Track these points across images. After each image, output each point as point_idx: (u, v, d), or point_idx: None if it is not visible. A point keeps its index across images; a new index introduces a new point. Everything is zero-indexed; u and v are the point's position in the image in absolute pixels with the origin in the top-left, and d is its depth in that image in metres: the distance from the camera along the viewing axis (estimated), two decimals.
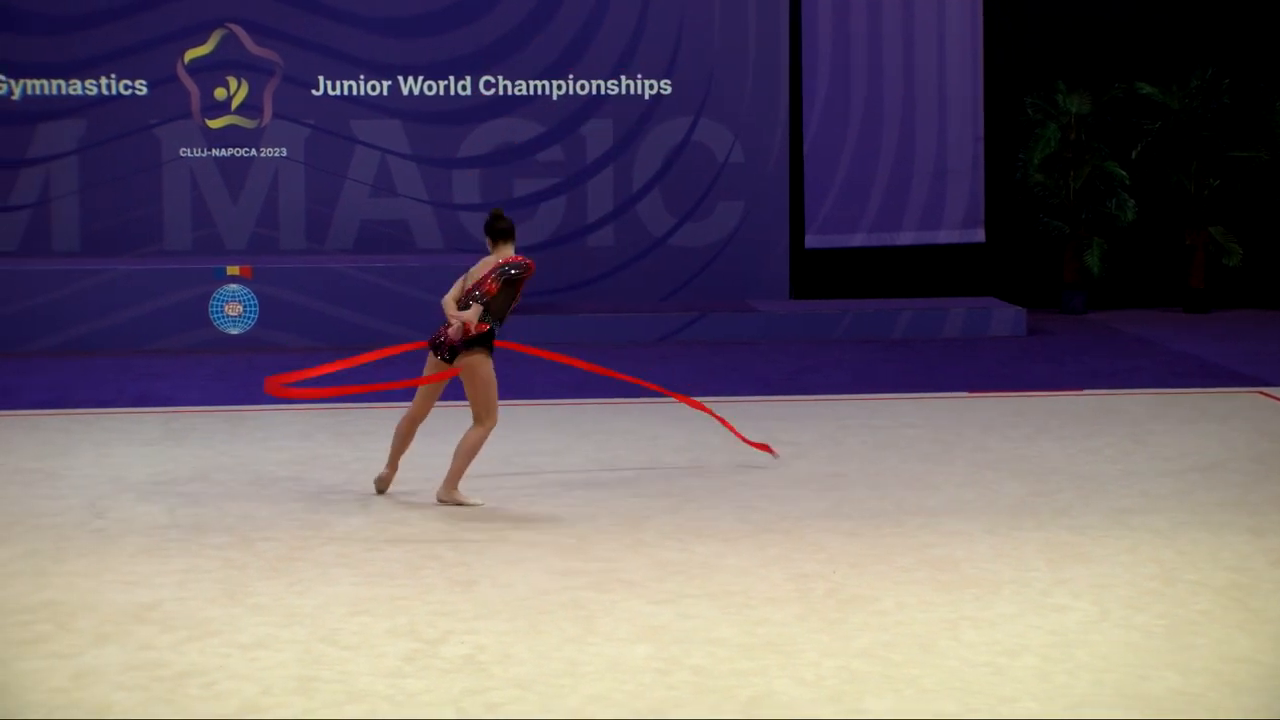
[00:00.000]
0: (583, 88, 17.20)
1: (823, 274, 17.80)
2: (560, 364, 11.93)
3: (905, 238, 17.64)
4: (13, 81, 16.56)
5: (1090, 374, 14.24)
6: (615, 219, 17.18)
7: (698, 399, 11.39)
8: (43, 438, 11.59)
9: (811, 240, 17.52)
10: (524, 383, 13.24)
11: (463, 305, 9.62)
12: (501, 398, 9.86)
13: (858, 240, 17.58)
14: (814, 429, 11.86)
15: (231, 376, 14.09)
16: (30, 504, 9.74)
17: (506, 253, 9.73)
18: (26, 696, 6.65)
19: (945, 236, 17.68)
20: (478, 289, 9.62)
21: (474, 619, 7.61)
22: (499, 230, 9.74)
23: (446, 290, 9.73)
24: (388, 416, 12.30)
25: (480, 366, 9.60)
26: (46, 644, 7.27)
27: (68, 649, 7.20)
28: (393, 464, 9.99)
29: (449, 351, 9.61)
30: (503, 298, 9.62)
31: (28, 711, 6.50)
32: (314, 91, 16.93)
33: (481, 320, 9.56)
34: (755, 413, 12.46)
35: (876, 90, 17.48)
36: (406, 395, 10.92)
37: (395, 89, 17.02)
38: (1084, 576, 8.26)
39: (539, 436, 11.57)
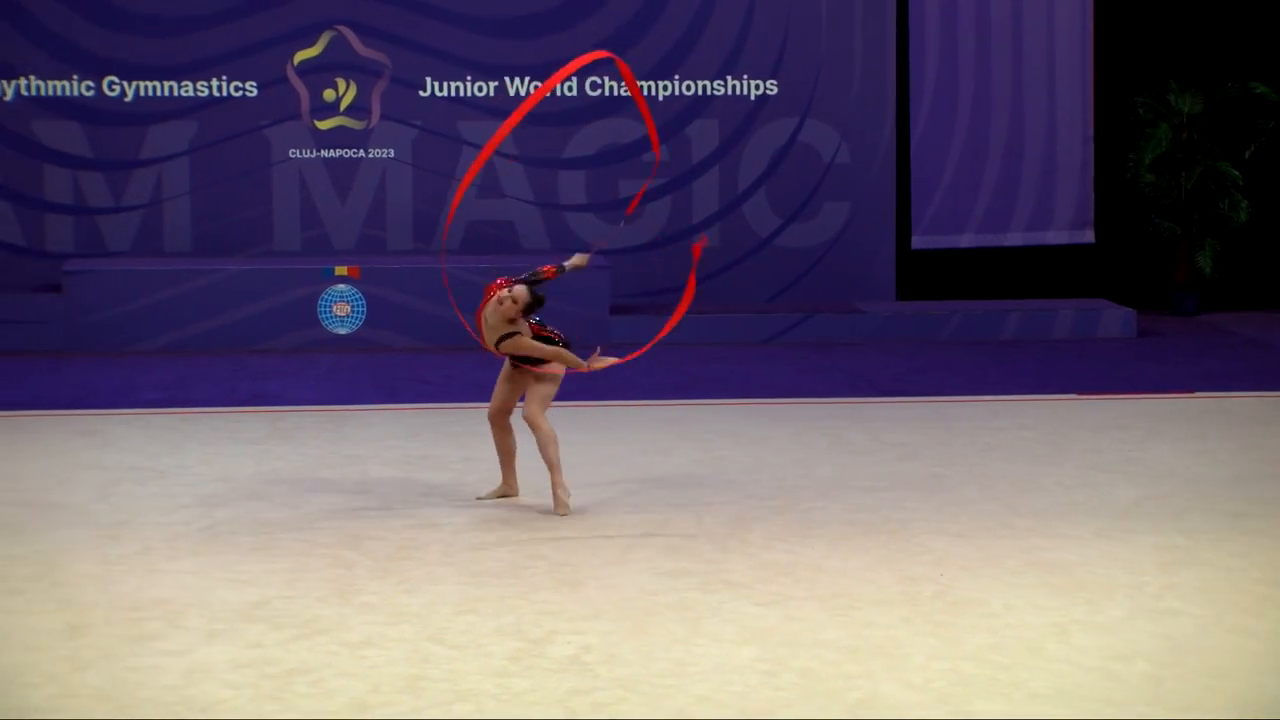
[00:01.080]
0: (688, 88, 17.18)
1: (930, 275, 17.67)
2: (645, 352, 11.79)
3: (1014, 239, 17.49)
4: (125, 83, 16.75)
5: (1203, 376, 14.06)
6: (721, 219, 17.14)
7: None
8: (155, 436, 11.72)
9: (918, 241, 17.41)
10: (626, 383, 13.24)
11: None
12: (603, 398, 9.82)
13: (965, 241, 17.46)
14: (921, 431, 11.79)
15: (340, 376, 14.19)
16: (143, 502, 9.85)
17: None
18: (138, 693, 6.73)
19: (1054, 237, 17.51)
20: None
21: (580, 619, 7.62)
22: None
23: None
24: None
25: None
26: (158, 641, 7.35)
27: (178, 646, 7.27)
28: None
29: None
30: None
31: (140, 708, 6.58)
32: (421, 93, 17.01)
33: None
34: (863, 414, 12.40)
35: (984, 90, 17.35)
36: None
37: (502, 90, 17.07)
38: (1197, 581, 8.15)
39: (642, 437, 11.56)
